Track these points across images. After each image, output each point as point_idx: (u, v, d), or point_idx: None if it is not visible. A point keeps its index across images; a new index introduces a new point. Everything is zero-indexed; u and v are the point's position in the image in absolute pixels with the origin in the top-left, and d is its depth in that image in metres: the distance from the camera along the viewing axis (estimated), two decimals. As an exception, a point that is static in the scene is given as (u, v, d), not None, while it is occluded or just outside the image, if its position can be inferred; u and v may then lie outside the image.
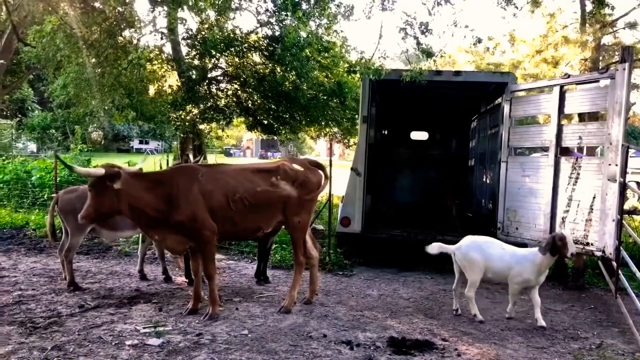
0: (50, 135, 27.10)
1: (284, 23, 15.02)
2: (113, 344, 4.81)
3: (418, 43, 9.47)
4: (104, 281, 7.25)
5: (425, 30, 9.34)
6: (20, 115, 32.54)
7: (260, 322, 5.66)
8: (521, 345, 5.38)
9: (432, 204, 12.14)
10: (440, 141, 13.75)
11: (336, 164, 9.17)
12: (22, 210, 12.28)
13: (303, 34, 15.06)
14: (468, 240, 6.38)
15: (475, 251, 6.22)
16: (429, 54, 9.60)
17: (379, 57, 9.84)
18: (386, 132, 13.53)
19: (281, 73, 16.31)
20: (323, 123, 18.32)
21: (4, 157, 15.66)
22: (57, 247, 7.33)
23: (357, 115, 16.90)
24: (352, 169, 9.09)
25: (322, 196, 11.93)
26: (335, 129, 19.55)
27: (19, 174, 13.27)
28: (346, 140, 20.55)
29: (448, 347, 5.19)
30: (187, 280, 7.23)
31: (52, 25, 13.02)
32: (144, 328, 5.25)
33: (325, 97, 16.95)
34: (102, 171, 5.33)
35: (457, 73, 9.92)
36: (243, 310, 6.05)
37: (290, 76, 16.01)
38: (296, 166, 6.26)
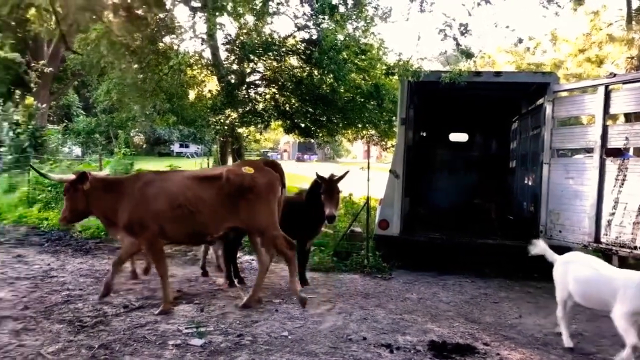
0: (95, 139, 27.89)
1: (321, 26, 15.09)
2: (157, 343, 4.92)
3: (457, 44, 9.37)
4: (147, 282, 7.41)
5: (464, 31, 9.23)
6: (66, 121, 33.58)
7: (300, 323, 5.69)
8: (566, 352, 5.26)
9: (472, 207, 11.97)
10: (480, 143, 13.55)
11: (373, 166, 9.14)
12: (69, 212, 12.64)
13: (340, 37, 15.11)
14: (568, 255, 5.71)
15: (561, 267, 5.54)
16: (468, 54, 9.49)
17: (418, 59, 9.78)
18: (425, 134, 13.42)
19: (318, 76, 16.39)
20: (360, 125, 18.31)
21: (51, 162, 16.15)
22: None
23: (394, 117, 16.86)
24: (390, 171, 9.05)
25: (360, 198, 11.96)
26: (373, 131, 19.50)
27: (66, 178, 13.66)
28: (383, 143, 20.49)
29: (490, 351, 5.11)
30: (228, 282, 7.33)
31: (97, 33, 13.41)
32: (187, 328, 5.35)
33: (362, 100, 16.96)
34: (73, 176, 6.17)
35: (498, 74, 9.78)
36: (283, 312, 6.10)
37: (328, 79, 16.07)
38: (246, 169, 6.16)
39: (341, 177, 7.17)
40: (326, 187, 7.03)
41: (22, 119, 20.62)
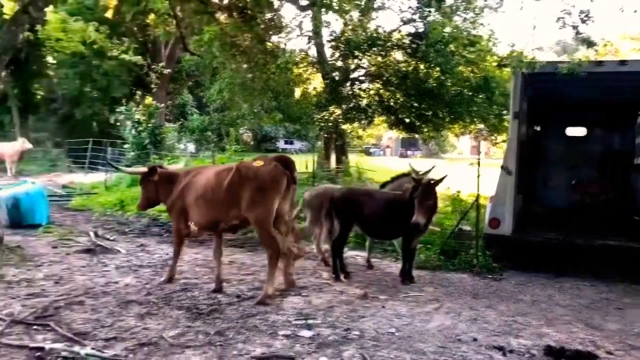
0: (207, 137, 29.39)
1: (428, 19, 14.85)
2: (267, 333, 5.07)
3: (577, 32, 8.75)
4: (257, 273, 7.66)
5: (586, 18, 8.60)
6: (181, 119, 35.61)
7: (407, 321, 5.62)
8: None
9: (591, 205, 11.18)
10: (601, 137, 12.58)
11: (482, 162, 8.80)
12: (185, 205, 13.41)
13: (448, 29, 14.76)
14: None
15: None
16: (589, 43, 8.83)
17: (532, 49, 9.27)
18: (539, 128, 12.72)
19: (424, 70, 16.15)
20: (468, 120, 17.76)
21: (169, 158, 17.18)
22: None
23: (505, 111, 16.19)
24: (502, 167, 8.68)
25: (468, 195, 11.58)
26: (481, 126, 18.84)
27: (182, 173, 14.47)
28: (493, 137, 19.70)
29: (614, 361, 4.74)
30: (334, 276, 7.40)
31: (210, 35, 14.09)
32: (296, 320, 5.46)
33: (470, 93, 16.47)
34: (145, 169, 7.17)
35: (623, 62, 9.02)
36: (389, 309, 6.05)
37: (434, 72, 15.79)
38: (256, 163, 6.34)
39: (438, 181, 6.92)
40: (420, 190, 6.78)
41: (143, 118, 22.14)
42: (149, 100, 24.38)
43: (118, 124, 24.57)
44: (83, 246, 9.02)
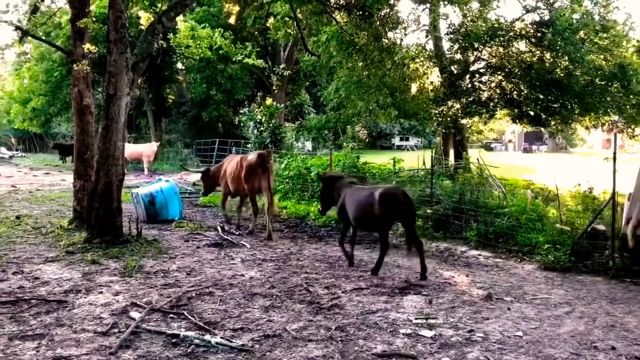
0: (324, 135, 29.91)
1: (554, 5, 13.97)
2: (388, 330, 5.04)
3: None
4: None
5: None
6: (299, 118, 36.60)
7: (535, 325, 5.32)
8: None
9: None
10: None
11: (617, 157, 8.08)
12: (304, 202, 13.78)
13: (576, 15, 13.81)
14: None
15: None
16: None
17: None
18: None
19: (551, 59, 15.24)
20: (601, 111, 16.40)
21: (288, 156, 17.72)
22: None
23: (644, 101, 14.80)
24: (642, 161, 7.93)
25: (601, 192, 10.68)
26: (616, 117, 17.34)
27: (300, 170, 14.89)
28: (630, 130, 18.05)
29: None
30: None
31: (327, 35, 14.32)
32: (416, 319, 5.38)
33: (603, 82, 15.22)
34: (203, 169, 12.39)
35: None
36: (515, 311, 5.77)
37: (562, 62, 14.84)
38: (248, 156, 10.58)
39: None
40: None
41: (264, 118, 23.04)
42: (269, 101, 25.30)
43: (241, 124, 25.73)
44: (211, 240, 9.57)
